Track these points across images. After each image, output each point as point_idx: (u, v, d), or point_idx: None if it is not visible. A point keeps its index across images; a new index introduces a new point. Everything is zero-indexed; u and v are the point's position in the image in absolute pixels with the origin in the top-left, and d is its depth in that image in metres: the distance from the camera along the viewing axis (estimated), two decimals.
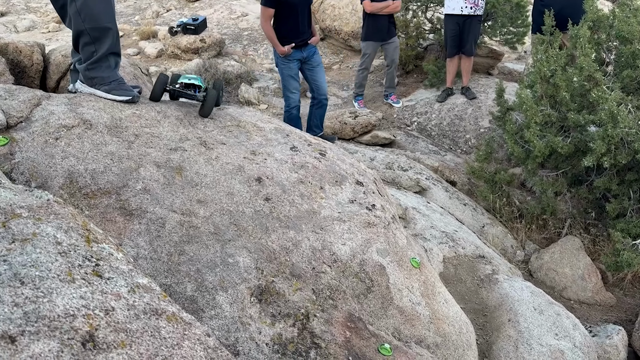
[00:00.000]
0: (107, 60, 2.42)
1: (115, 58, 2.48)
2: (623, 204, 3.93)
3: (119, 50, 2.47)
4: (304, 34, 5.01)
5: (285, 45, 4.89)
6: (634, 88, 3.98)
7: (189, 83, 2.59)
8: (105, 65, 2.42)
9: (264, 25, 4.94)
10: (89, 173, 1.96)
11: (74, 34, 2.43)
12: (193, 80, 2.61)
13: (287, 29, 4.90)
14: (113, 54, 2.44)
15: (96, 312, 0.87)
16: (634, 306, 3.89)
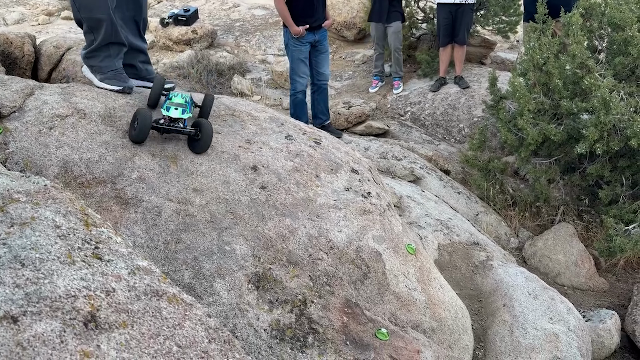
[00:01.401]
0: (107, 49, 2.40)
1: (118, 47, 2.44)
2: (615, 191, 3.97)
3: (120, 39, 2.42)
4: (319, 16, 4.90)
5: (299, 25, 4.77)
6: (626, 75, 4.00)
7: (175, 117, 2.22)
8: (105, 54, 2.41)
9: (278, 2, 4.79)
10: (84, 162, 1.96)
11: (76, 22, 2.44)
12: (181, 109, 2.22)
13: (302, 8, 4.77)
14: (114, 44, 2.41)
15: (97, 293, 0.88)
16: (626, 291, 3.93)
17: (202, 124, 2.21)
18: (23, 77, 3.60)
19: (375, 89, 7.01)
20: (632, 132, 3.49)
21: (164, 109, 2.19)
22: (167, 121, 2.18)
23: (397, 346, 1.93)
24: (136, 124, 2.11)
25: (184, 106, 2.23)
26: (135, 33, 2.54)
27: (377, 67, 7.01)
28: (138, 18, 2.53)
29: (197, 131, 2.20)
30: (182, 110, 2.21)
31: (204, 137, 2.19)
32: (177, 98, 2.25)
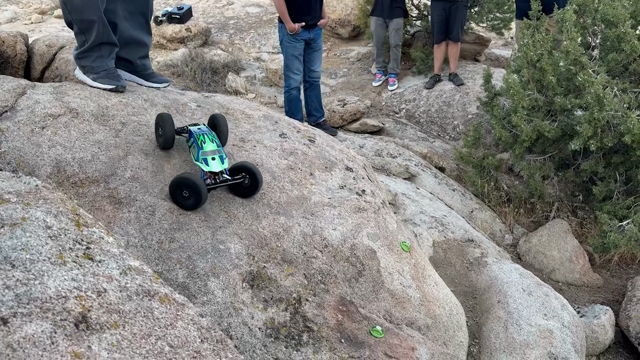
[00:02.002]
0: (98, 50, 2.40)
1: (109, 48, 2.43)
2: (609, 187, 3.98)
3: (112, 40, 2.41)
4: (315, 13, 4.90)
5: (295, 22, 4.77)
6: (620, 71, 4.01)
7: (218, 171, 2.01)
8: (96, 55, 2.40)
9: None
10: (77, 162, 1.95)
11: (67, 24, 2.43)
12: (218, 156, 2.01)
13: (300, 5, 4.78)
14: (106, 44, 2.40)
15: (88, 294, 0.87)
16: (620, 287, 3.95)
17: (250, 168, 2.04)
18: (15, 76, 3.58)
19: (379, 83, 7.03)
20: (626, 128, 3.50)
21: (201, 162, 1.98)
22: (212, 178, 1.99)
23: (392, 343, 1.93)
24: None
25: (218, 151, 2.02)
26: (141, 26, 2.51)
27: (379, 63, 7.02)
28: (145, 10, 2.50)
29: (245, 177, 2.04)
30: (220, 158, 2.01)
31: (254, 183, 2.05)
32: (207, 143, 2.02)
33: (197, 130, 2.08)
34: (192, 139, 2.07)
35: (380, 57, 6.93)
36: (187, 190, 1.90)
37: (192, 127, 2.13)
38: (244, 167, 2.06)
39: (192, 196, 1.90)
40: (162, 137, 2.08)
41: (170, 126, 2.06)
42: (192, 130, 2.09)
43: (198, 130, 2.08)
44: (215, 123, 2.20)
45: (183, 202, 1.92)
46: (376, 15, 6.63)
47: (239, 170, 2.05)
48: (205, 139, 2.03)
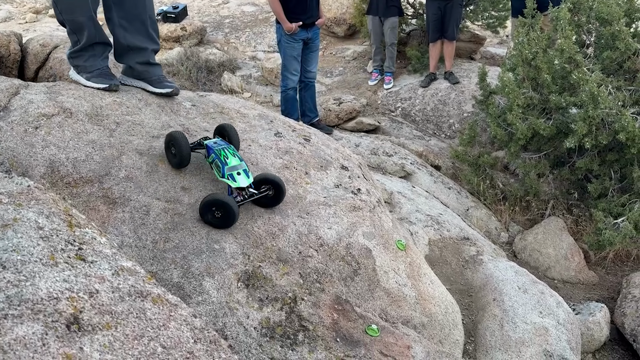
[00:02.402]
0: (91, 49, 2.38)
1: (102, 47, 2.41)
2: (604, 184, 3.99)
3: (104, 39, 2.39)
4: (312, 12, 4.85)
5: (292, 22, 4.73)
6: (614, 69, 4.02)
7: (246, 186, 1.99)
8: (89, 54, 2.39)
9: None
10: (71, 162, 1.94)
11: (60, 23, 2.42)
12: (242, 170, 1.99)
13: (296, 4, 4.74)
14: (99, 44, 2.39)
15: (80, 295, 0.87)
16: (615, 284, 3.96)
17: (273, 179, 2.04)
18: (9, 76, 3.56)
19: (375, 82, 7.02)
20: (620, 125, 3.51)
21: (227, 178, 1.96)
22: (240, 194, 1.98)
23: (388, 342, 1.93)
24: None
25: (241, 165, 1.99)
26: (139, 32, 2.47)
27: (376, 61, 7.02)
28: (143, 16, 2.47)
29: (269, 189, 2.05)
30: (244, 172, 1.98)
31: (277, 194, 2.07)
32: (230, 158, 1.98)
33: (216, 145, 2.04)
34: (212, 155, 2.02)
35: (378, 55, 6.93)
36: (218, 211, 1.89)
37: (208, 141, 2.08)
38: (267, 178, 2.06)
39: (224, 216, 1.89)
40: (176, 156, 2.01)
41: (186, 145, 2.00)
42: (210, 146, 2.04)
43: (216, 145, 2.04)
44: (224, 133, 2.18)
45: (215, 222, 1.92)
46: (372, 14, 6.63)
47: (263, 182, 2.05)
48: (227, 154, 2.00)
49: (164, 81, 2.52)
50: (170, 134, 2.03)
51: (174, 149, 2.02)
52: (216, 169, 2.02)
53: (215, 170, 2.02)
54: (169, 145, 2.04)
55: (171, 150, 2.04)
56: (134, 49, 2.46)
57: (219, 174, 2.00)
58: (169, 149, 2.05)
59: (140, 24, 2.46)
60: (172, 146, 2.03)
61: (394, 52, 6.75)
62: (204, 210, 1.90)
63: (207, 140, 2.10)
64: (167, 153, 2.06)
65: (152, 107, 2.38)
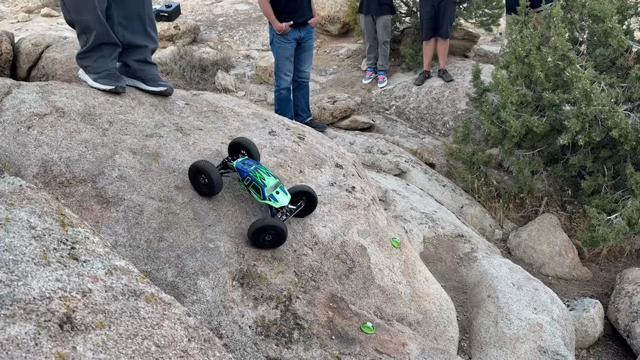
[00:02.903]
0: (100, 50, 2.36)
1: (111, 48, 2.38)
2: (598, 181, 4.01)
3: (113, 40, 2.36)
4: (303, 12, 4.80)
5: (283, 22, 4.67)
6: (607, 66, 4.04)
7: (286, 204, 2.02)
8: (98, 55, 2.36)
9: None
10: (64, 161, 1.93)
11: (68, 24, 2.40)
12: (280, 189, 2.00)
13: (286, 3, 4.69)
14: (107, 45, 2.36)
15: (73, 294, 0.86)
16: (609, 280, 3.99)
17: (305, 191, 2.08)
18: (1, 75, 3.54)
19: (368, 80, 7.03)
20: (613, 122, 3.53)
21: (269, 200, 1.97)
22: (283, 213, 2.00)
23: (383, 339, 1.93)
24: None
25: (277, 182, 2.01)
26: (137, 30, 2.45)
27: (370, 60, 7.02)
28: (141, 13, 2.45)
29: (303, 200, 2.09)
30: (282, 189, 2.01)
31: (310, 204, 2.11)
32: (266, 179, 1.98)
33: (247, 167, 2.02)
34: (247, 177, 2.01)
35: (372, 53, 6.93)
36: (269, 234, 1.93)
37: (237, 164, 2.04)
38: (300, 191, 2.09)
39: (274, 239, 1.95)
40: (208, 186, 1.98)
41: (216, 173, 1.97)
42: (243, 169, 2.02)
43: (248, 167, 2.02)
44: (241, 148, 2.15)
45: (266, 245, 1.97)
46: (364, 12, 6.63)
47: (296, 195, 2.08)
48: (263, 175, 2.00)
49: (158, 80, 2.51)
50: (196, 165, 1.98)
51: (203, 178, 1.98)
52: (255, 192, 2.01)
53: (254, 194, 2.02)
54: (196, 175, 2.00)
55: (200, 181, 1.99)
56: (132, 47, 2.45)
57: (259, 196, 2.00)
58: (196, 179, 2.00)
59: (139, 22, 2.45)
60: (200, 176, 1.99)
61: (387, 51, 6.76)
62: (254, 236, 1.93)
63: (233, 161, 2.07)
64: (194, 183, 2.02)
65: (145, 106, 2.37)
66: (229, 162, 2.08)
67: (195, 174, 1.99)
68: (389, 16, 6.57)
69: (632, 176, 3.72)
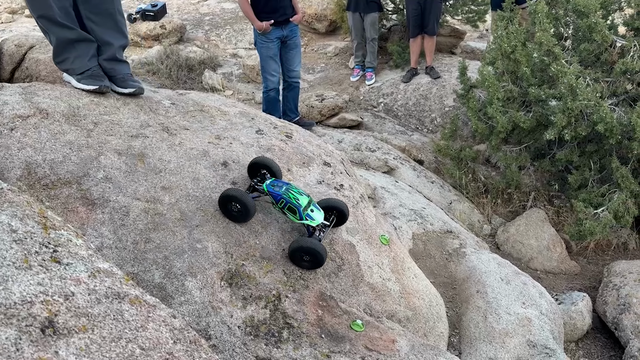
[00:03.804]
0: (74, 49, 2.31)
1: (86, 46, 2.33)
2: (584, 175, 4.05)
3: (85, 37, 2.32)
4: (285, 10, 4.75)
5: (263, 21, 4.64)
6: (592, 61, 4.07)
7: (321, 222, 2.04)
8: (74, 56, 2.32)
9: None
10: (48, 163, 1.91)
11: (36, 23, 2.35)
12: (314, 207, 2.04)
13: (265, 2, 4.64)
14: (80, 42, 2.31)
15: (55, 298, 0.85)
16: (597, 273, 4.03)
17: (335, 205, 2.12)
18: None
19: (356, 78, 7.02)
20: (599, 117, 3.56)
21: (306, 219, 2.00)
22: (321, 231, 2.04)
23: (372, 337, 1.94)
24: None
25: (310, 200, 2.04)
26: (108, 26, 2.40)
27: (358, 57, 7.02)
28: (112, 10, 2.40)
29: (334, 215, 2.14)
30: (315, 207, 2.05)
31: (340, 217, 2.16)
32: (300, 199, 2.00)
33: (279, 189, 2.02)
34: (282, 200, 2.01)
35: (359, 51, 6.93)
36: (308, 255, 1.97)
37: (268, 187, 2.04)
38: (330, 205, 2.13)
39: (312, 260, 1.99)
40: (242, 213, 1.98)
41: (250, 200, 1.98)
42: (275, 192, 2.02)
43: (279, 189, 2.02)
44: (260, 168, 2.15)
45: (302, 265, 2.01)
46: (352, 9, 6.62)
47: (328, 209, 2.12)
48: (296, 195, 2.01)
49: (128, 80, 2.44)
50: (228, 194, 1.97)
51: (236, 206, 1.97)
52: (291, 213, 2.03)
53: (290, 215, 2.03)
54: (227, 203, 1.98)
55: (232, 208, 1.98)
56: (102, 44, 2.40)
57: (296, 217, 2.02)
58: (227, 206, 1.99)
59: (108, 18, 2.39)
60: (231, 204, 1.98)
61: (375, 48, 6.76)
62: (294, 256, 1.99)
63: (262, 184, 2.07)
64: (225, 211, 2.00)
65: (130, 106, 2.35)
66: (258, 186, 2.08)
67: (226, 202, 1.98)
68: (376, 13, 6.58)
69: (617, 170, 3.75)
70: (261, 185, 2.06)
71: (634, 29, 3.98)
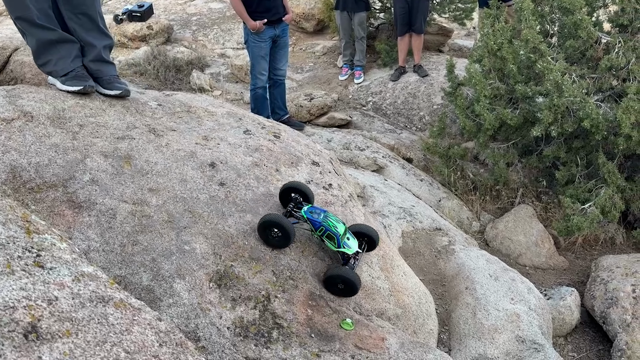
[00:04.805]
0: (56, 52, 2.28)
1: (68, 46, 2.31)
2: (571, 171, 4.08)
3: (66, 38, 2.29)
4: (277, 9, 4.76)
5: (256, 20, 4.63)
6: (577, 58, 4.11)
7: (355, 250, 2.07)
8: (57, 57, 2.29)
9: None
10: (33, 167, 1.89)
11: None
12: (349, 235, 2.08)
13: (258, 2, 4.64)
14: (62, 43, 2.28)
15: (38, 303, 0.84)
16: (585, 268, 4.06)
17: (364, 232, 2.15)
18: None
19: (345, 77, 7.04)
20: (585, 113, 3.59)
21: (343, 247, 2.03)
22: (356, 259, 2.07)
23: (362, 335, 1.94)
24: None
25: (346, 227, 2.07)
26: (89, 27, 2.37)
27: (346, 56, 7.03)
28: (89, 11, 2.37)
29: (365, 241, 2.17)
30: (350, 234, 2.08)
31: (371, 243, 2.19)
32: (338, 227, 2.03)
33: (317, 216, 2.04)
34: (321, 228, 2.03)
35: (348, 50, 6.93)
36: (343, 284, 2.00)
37: (306, 213, 2.05)
38: (361, 232, 2.16)
39: (347, 288, 2.01)
40: (283, 238, 2.00)
41: (290, 225, 1.99)
42: (314, 219, 2.03)
43: (317, 216, 2.04)
44: (293, 193, 2.16)
45: (334, 290, 2.03)
46: (340, 8, 6.63)
47: (358, 235, 2.15)
48: (334, 223, 2.04)
49: (114, 82, 2.42)
50: (269, 220, 1.98)
51: (276, 232, 1.98)
52: (329, 241, 2.05)
53: (329, 243, 2.06)
54: (266, 228, 2.00)
55: (271, 234, 2.00)
56: (86, 45, 2.37)
57: (334, 245, 2.05)
58: (266, 231, 2.00)
59: (88, 20, 2.36)
60: (271, 230, 1.99)
61: (364, 46, 6.77)
62: (329, 282, 2.01)
63: (300, 211, 2.08)
64: (264, 236, 2.02)
65: (116, 107, 2.34)
66: (295, 212, 2.10)
67: (267, 228, 1.99)
68: (364, 12, 6.59)
69: (604, 165, 3.79)
70: (298, 211, 2.09)
71: (619, 26, 4.02)
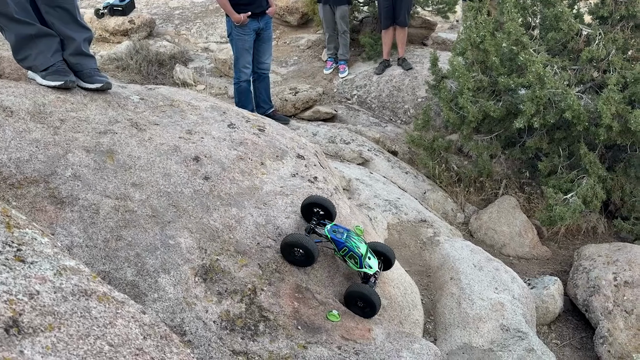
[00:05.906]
0: (35, 46, 2.25)
1: (47, 40, 2.27)
2: (554, 162, 4.13)
3: (45, 32, 2.25)
4: (261, 2, 4.76)
5: (240, 13, 4.63)
6: (559, 50, 4.15)
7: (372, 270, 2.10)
8: (35, 52, 2.25)
9: None
10: (13, 162, 1.86)
11: None
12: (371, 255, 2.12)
13: None
14: (40, 37, 2.25)
15: (19, 297, 0.84)
16: (567, 257, 4.12)
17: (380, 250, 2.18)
18: None
19: (329, 70, 7.02)
20: (566, 104, 3.63)
21: (365, 267, 2.05)
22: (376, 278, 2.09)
23: (349, 326, 1.95)
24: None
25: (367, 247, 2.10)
26: (65, 20, 2.34)
27: (330, 50, 7.02)
28: (68, 4, 2.33)
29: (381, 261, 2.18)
30: (371, 253, 2.11)
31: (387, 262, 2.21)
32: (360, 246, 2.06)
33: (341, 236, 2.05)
34: (344, 248, 2.05)
35: (331, 43, 6.92)
36: (363, 302, 2.02)
37: (329, 232, 2.05)
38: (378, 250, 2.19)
39: (366, 307, 2.03)
40: (306, 257, 2.00)
41: (314, 244, 2.00)
42: (337, 239, 2.04)
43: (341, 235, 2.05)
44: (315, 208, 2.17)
45: (353, 308, 2.04)
46: (322, 2, 6.61)
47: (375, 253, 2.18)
48: (357, 243, 2.06)
49: (95, 75, 2.39)
50: (293, 241, 2.00)
51: (299, 251, 1.99)
52: (351, 261, 2.07)
53: (351, 263, 2.08)
54: (290, 248, 2.00)
55: (295, 253, 2.01)
56: (65, 39, 2.34)
57: (356, 265, 2.07)
58: (290, 252, 2.01)
59: (66, 13, 2.33)
60: (294, 249, 2.00)
61: (347, 40, 6.77)
62: (349, 299, 2.03)
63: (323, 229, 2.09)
64: (287, 255, 2.03)
65: (97, 102, 2.31)
66: (318, 229, 2.12)
67: (290, 248, 2.00)
68: (347, 6, 6.57)
69: (586, 156, 3.84)
70: (322, 228, 2.11)
71: (599, 18, 4.07)
